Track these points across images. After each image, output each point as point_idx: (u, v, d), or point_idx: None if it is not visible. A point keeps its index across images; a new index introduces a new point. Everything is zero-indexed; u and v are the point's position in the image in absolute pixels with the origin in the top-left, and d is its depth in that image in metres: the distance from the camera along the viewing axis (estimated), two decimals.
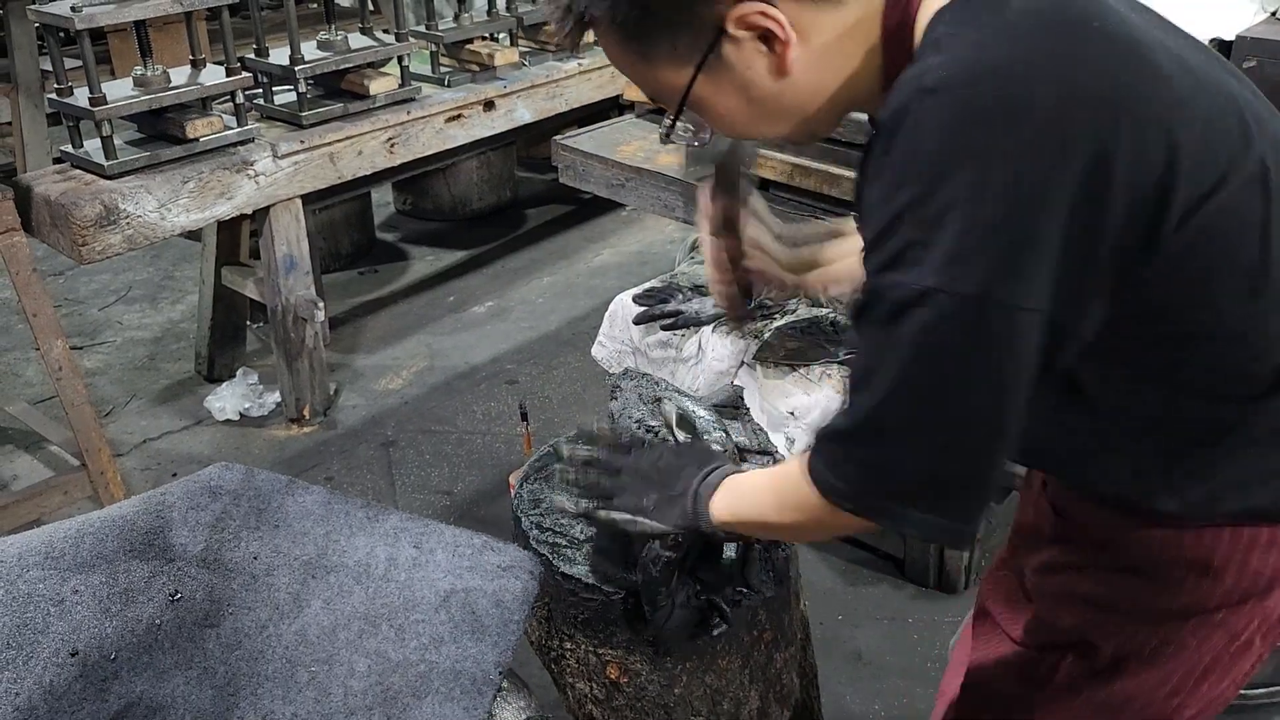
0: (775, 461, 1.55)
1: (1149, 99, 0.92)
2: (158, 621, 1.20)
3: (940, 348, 0.92)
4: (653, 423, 1.65)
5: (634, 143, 2.64)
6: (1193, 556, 1.09)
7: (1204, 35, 2.83)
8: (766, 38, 0.99)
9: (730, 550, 1.41)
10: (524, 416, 2.63)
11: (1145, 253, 0.93)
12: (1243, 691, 1.19)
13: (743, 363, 2.30)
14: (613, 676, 1.49)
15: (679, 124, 1.12)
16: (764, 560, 1.46)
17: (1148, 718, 1.18)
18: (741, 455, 1.54)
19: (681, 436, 1.55)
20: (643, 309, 2.45)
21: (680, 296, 2.44)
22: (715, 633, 1.43)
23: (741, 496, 1.21)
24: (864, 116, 1.15)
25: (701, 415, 1.56)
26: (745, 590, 1.43)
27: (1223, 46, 2.87)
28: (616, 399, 1.70)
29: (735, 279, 1.61)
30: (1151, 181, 0.91)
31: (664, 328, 2.41)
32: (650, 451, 1.34)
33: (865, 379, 0.97)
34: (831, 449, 1.03)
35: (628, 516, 1.28)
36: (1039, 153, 0.87)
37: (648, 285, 2.52)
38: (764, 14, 0.97)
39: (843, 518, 1.03)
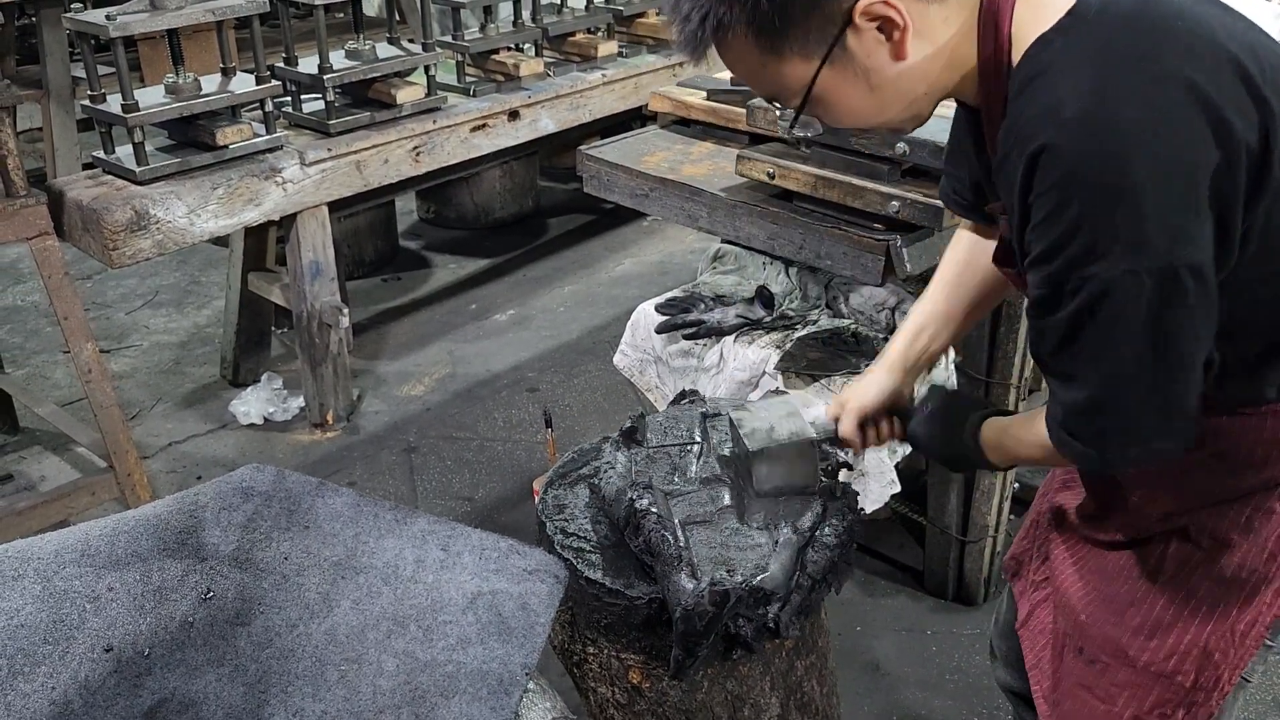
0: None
1: (1236, 71, 1.07)
2: (190, 619, 1.22)
3: (1147, 316, 1.07)
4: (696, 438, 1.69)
5: (658, 153, 2.65)
6: (1271, 436, 1.26)
7: None
8: (884, 27, 1.12)
9: (774, 608, 1.44)
10: (548, 423, 2.64)
11: (1260, 191, 1.09)
12: None
13: (764, 373, 2.32)
14: (635, 681, 1.50)
15: (800, 118, 1.23)
16: (801, 609, 1.48)
17: (1254, 581, 1.32)
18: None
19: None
20: (665, 318, 2.46)
21: (702, 306, 2.46)
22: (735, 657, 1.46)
23: (1009, 440, 1.40)
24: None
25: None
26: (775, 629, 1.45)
27: None
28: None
29: None
30: (1256, 137, 1.07)
31: (686, 337, 2.43)
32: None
33: (1077, 363, 1.13)
34: (1073, 425, 1.19)
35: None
36: (1177, 142, 1.03)
37: (670, 295, 2.54)
38: (887, 3, 1.10)
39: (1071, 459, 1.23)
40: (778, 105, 1.24)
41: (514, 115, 3.57)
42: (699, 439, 1.71)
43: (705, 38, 1.14)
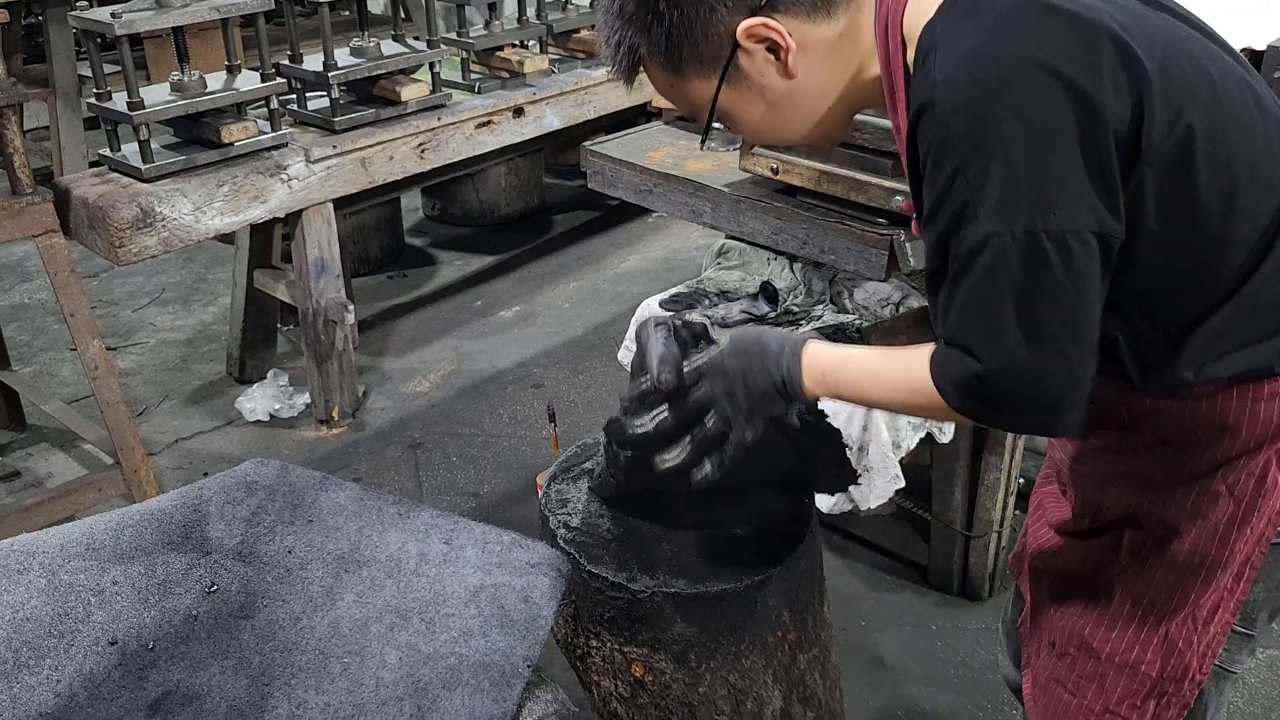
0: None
1: (1107, 47, 1.09)
2: (194, 612, 1.23)
3: (1013, 281, 1.07)
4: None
5: (662, 149, 2.65)
6: (1209, 419, 1.25)
7: (1234, 45, 2.83)
8: (773, 49, 1.20)
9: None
10: (551, 418, 2.65)
11: (1136, 168, 1.10)
12: None
13: None
14: (638, 674, 1.51)
15: (713, 131, 1.31)
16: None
17: (1208, 564, 1.31)
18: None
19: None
20: (669, 314, 2.46)
21: (707, 302, 2.46)
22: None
23: (845, 373, 1.31)
24: (887, 123, 1.30)
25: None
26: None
27: (1254, 56, 2.86)
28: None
29: None
30: (1127, 114, 1.08)
31: None
32: (715, 354, 1.37)
33: (963, 332, 1.13)
34: (951, 366, 1.16)
35: (730, 449, 1.36)
36: (1039, 107, 1.05)
37: (674, 290, 2.54)
38: (766, 26, 1.18)
39: (956, 415, 1.20)
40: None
41: (519, 112, 3.57)
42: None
43: (627, 64, 1.27)
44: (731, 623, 1.47)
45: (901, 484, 2.26)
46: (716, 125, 1.30)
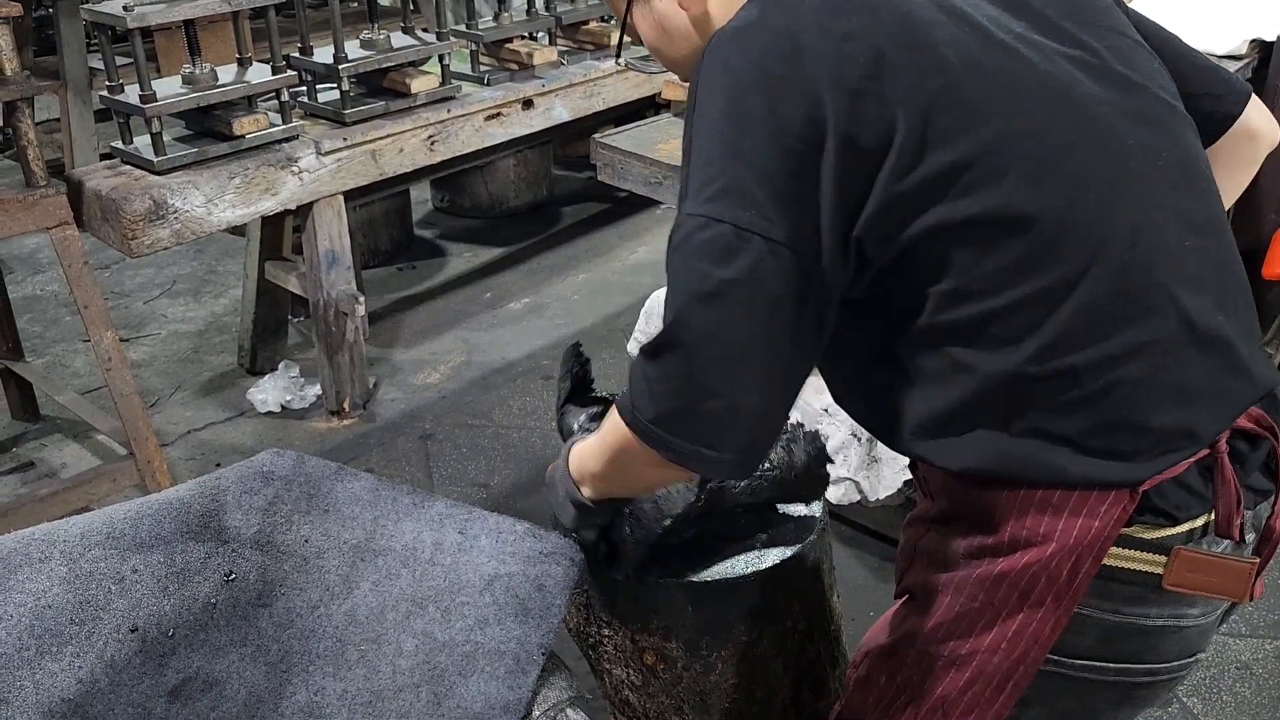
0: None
1: (886, 67, 1.01)
2: (213, 600, 1.25)
3: (693, 272, 1.01)
4: None
5: (672, 141, 2.66)
6: (979, 508, 1.12)
7: (1244, 36, 2.83)
8: None
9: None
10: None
11: (867, 210, 1.02)
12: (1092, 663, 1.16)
13: None
14: (649, 663, 1.52)
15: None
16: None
17: (927, 655, 1.19)
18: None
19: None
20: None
21: None
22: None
23: (583, 457, 1.29)
24: None
25: None
26: None
27: (1264, 48, 2.86)
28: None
29: None
30: (873, 144, 1.00)
31: None
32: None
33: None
34: (632, 374, 1.09)
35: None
36: (759, 95, 1.01)
37: None
38: None
39: (643, 453, 1.08)
40: None
41: (528, 104, 3.58)
42: None
43: None
44: (743, 612, 1.49)
45: (910, 475, 2.27)
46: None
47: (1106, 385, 1.04)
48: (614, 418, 1.13)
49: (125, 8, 2.67)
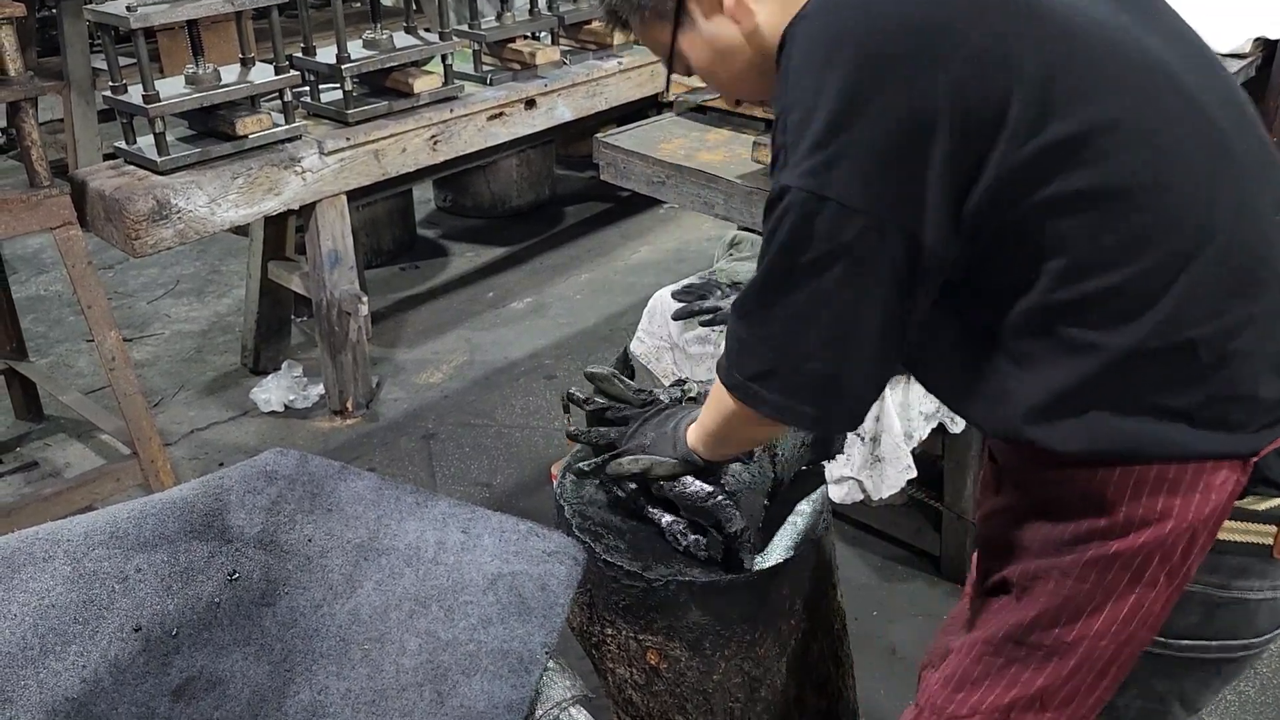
0: None
1: (1002, 37, 1.01)
2: (217, 600, 1.25)
3: (794, 242, 1.04)
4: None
5: (674, 140, 2.66)
6: (1086, 491, 1.12)
7: (1248, 35, 2.82)
8: None
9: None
10: (566, 410, 2.66)
11: (981, 184, 1.02)
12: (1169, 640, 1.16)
13: None
14: (653, 662, 1.52)
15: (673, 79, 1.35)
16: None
17: (1025, 646, 1.19)
18: None
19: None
20: (681, 305, 2.47)
21: (719, 293, 2.47)
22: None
23: (699, 420, 1.40)
24: None
25: None
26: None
27: (1268, 46, 2.85)
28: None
29: None
30: (988, 115, 1.00)
31: (703, 323, 2.44)
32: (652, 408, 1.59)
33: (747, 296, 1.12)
34: (728, 333, 1.16)
35: (633, 458, 1.51)
36: (870, 70, 1.00)
37: (686, 281, 2.55)
38: None
39: (741, 410, 1.17)
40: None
41: (530, 103, 3.58)
42: None
43: (614, 27, 1.33)
44: (746, 611, 1.49)
45: (913, 474, 2.27)
46: (702, 85, 1.32)
47: (1222, 358, 1.06)
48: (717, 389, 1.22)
49: (128, 8, 2.68)
